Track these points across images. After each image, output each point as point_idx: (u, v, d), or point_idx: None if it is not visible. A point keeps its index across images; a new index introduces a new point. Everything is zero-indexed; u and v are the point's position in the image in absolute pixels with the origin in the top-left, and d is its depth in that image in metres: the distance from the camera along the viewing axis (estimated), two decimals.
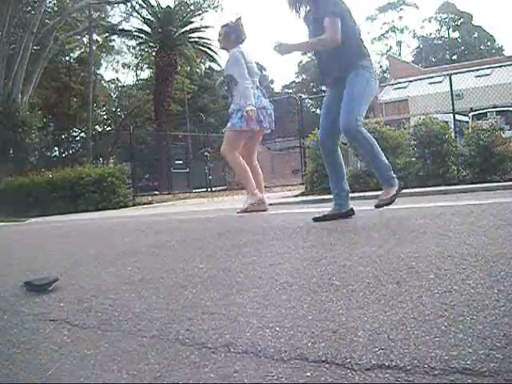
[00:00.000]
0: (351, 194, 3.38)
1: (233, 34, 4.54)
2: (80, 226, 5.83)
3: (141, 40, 24.45)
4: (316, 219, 3.13)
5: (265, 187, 4.99)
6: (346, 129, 3.08)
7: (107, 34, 25.02)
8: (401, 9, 48.98)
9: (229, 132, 4.53)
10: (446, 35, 48.30)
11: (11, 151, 14.49)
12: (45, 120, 21.05)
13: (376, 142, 3.14)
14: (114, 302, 1.86)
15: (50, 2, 19.56)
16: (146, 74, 30.56)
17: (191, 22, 23.05)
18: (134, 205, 10.98)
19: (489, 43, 45.95)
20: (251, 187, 4.43)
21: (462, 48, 46.28)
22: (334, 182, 3.30)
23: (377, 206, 3.10)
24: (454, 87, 8.66)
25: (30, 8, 17.41)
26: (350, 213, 3.24)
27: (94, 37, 22.92)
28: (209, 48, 23.95)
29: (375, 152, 3.11)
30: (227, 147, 4.48)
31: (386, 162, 3.14)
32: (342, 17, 3.11)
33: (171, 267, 2.29)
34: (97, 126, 27.97)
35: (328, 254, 2.13)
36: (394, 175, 3.15)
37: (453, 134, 7.93)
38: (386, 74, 39.45)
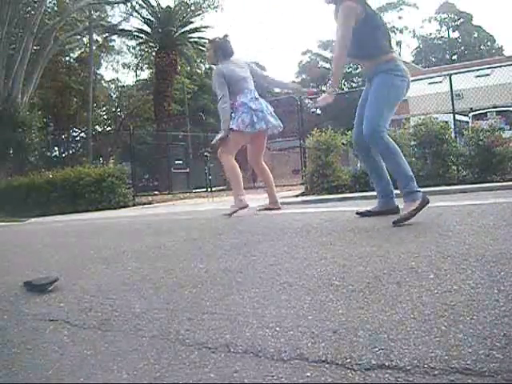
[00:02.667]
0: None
1: (219, 51, 4.61)
2: (80, 226, 5.83)
3: (141, 40, 24.49)
4: (360, 214, 3.15)
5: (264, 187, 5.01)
6: (367, 134, 2.95)
7: (107, 34, 25.03)
8: (401, 9, 48.80)
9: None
10: (446, 35, 48.20)
11: (11, 151, 14.49)
12: (45, 120, 21.07)
13: (399, 152, 2.93)
14: (114, 302, 1.85)
15: (50, 2, 19.57)
16: (145, 74, 30.62)
17: (191, 22, 23.10)
18: (134, 205, 10.98)
19: (489, 43, 45.87)
20: (238, 192, 4.43)
21: (462, 48, 46.21)
22: (376, 181, 3.20)
23: (395, 223, 2.67)
24: (454, 87, 8.65)
25: (29, 8, 17.40)
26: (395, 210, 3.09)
27: (94, 37, 22.92)
28: None
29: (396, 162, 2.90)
30: (222, 149, 4.51)
31: (409, 173, 2.87)
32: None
33: (171, 267, 2.29)
34: (97, 126, 27.96)
35: (328, 254, 2.13)
36: (418, 188, 2.84)
37: (453, 134, 7.93)
38: None
